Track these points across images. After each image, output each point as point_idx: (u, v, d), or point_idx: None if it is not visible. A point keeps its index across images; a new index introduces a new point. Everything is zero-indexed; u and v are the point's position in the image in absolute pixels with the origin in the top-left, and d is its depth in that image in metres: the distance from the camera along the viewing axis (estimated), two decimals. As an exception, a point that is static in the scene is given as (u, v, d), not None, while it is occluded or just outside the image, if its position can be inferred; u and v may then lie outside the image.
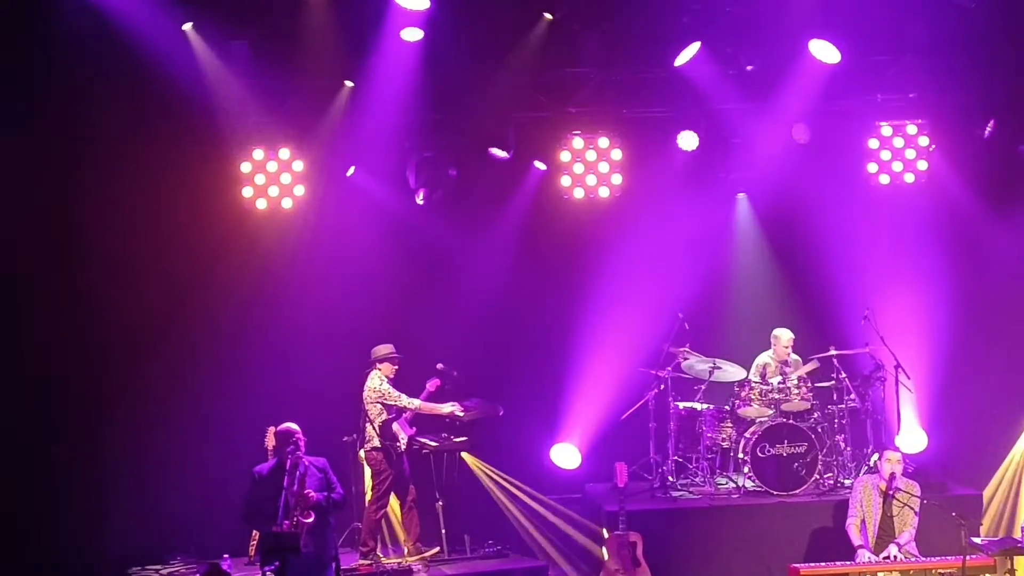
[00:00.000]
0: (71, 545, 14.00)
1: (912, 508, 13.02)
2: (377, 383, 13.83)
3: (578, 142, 15.31)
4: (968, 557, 12.43)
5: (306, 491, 11.66)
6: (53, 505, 14.12)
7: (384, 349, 13.95)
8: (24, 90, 13.77)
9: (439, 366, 14.28)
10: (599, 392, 15.51)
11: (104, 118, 13.96)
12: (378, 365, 13.92)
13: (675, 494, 14.72)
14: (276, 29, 14.09)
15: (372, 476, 14.01)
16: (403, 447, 13.92)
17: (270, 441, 13.39)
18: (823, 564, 12.93)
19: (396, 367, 13.94)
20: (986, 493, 14.86)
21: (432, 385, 14.13)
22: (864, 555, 12.95)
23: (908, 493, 13.05)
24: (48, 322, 14.29)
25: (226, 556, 12.83)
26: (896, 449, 13.66)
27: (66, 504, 14.13)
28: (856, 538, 13.06)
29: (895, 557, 12.88)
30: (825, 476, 14.69)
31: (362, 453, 14.02)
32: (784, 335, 15.19)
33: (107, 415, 14.36)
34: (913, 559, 12.91)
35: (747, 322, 15.93)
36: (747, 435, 14.71)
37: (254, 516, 11.95)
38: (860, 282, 15.58)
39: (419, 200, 15.03)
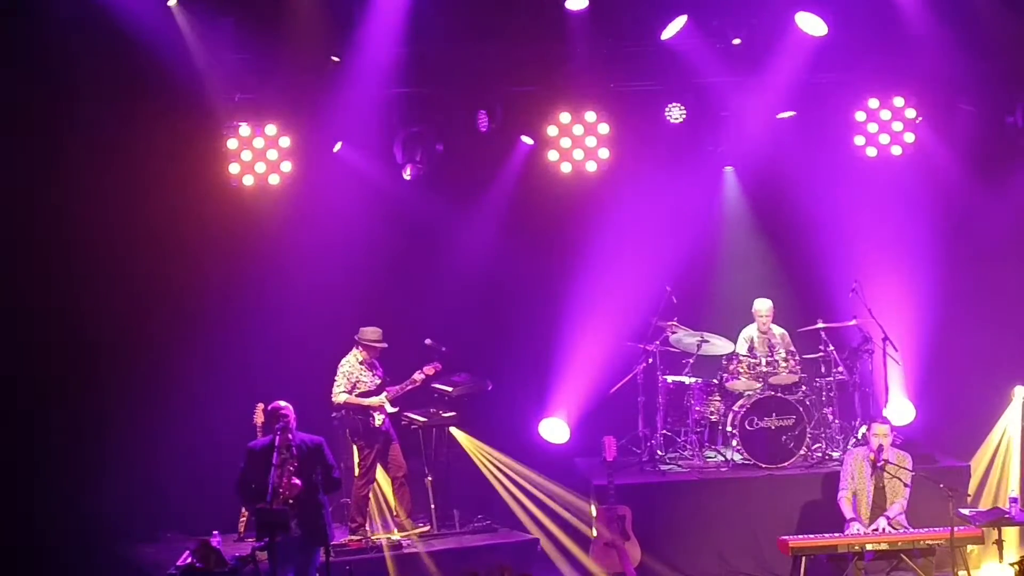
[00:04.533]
0: (62, 522, 13.98)
1: (901, 480, 13.06)
2: (342, 363, 13.79)
3: (565, 116, 15.26)
4: (956, 528, 12.50)
5: (292, 480, 11.60)
6: (44, 482, 14.09)
7: (366, 333, 13.88)
8: (6, 66, 13.69)
9: (427, 342, 14.24)
10: (587, 366, 15.50)
11: (89, 95, 13.89)
12: (359, 345, 13.88)
13: (664, 468, 14.74)
14: (261, 4, 14.02)
15: (358, 452, 14.00)
16: (377, 423, 13.83)
17: (259, 418, 13.36)
18: (812, 536, 12.98)
19: (366, 352, 13.81)
20: (973, 464, 14.91)
21: (431, 368, 14.03)
22: (855, 527, 12.98)
23: (899, 465, 13.07)
24: (35, 299, 14.23)
25: (215, 533, 12.82)
26: (884, 421, 13.66)
27: (57, 481, 14.10)
28: (848, 511, 13.09)
29: (884, 529, 12.92)
30: (813, 449, 14.73)
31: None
32: (762, 306, 15.21)
33: (96, 392, 14.33)
34: (902, 531, 12.96)
35: (735, 295, 15.91)
36: (735, 408, 14.73)
37: (244, 492, 11.91)
38: (848, 255, 15.59)
39: (406, 175, 14.98)
